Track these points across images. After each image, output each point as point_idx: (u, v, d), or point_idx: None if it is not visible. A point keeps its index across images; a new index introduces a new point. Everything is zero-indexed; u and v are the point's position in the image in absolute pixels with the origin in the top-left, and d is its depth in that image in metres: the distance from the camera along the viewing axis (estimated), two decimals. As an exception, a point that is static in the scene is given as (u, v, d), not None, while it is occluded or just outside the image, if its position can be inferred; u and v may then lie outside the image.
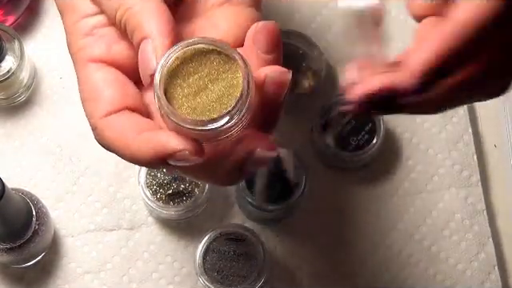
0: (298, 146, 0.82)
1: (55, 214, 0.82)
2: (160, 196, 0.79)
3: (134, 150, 0.51)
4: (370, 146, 0.81)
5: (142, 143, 0.51)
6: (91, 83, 0.54)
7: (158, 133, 0.51)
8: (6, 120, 0.84)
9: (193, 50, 0.51)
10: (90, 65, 0.54)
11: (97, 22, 0.55)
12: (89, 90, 0.54)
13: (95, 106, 0.53)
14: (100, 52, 0.54)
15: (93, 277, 0.81)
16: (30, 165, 0.83)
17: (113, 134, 0.52)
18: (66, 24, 0.56)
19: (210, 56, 0.51)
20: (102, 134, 0.53)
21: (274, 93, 0.51)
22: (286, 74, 0.51)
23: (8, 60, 0.80)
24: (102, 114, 0.53)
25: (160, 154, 0.50)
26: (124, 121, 0.52)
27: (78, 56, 0.55)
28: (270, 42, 0.52)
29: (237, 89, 0.50)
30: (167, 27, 0.52)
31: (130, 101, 0.53)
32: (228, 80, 0.51)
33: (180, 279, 0.81)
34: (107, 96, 0.53)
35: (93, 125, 0.54)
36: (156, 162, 0.51)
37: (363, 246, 0.82)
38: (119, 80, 0.54)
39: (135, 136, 0.51)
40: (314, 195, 0.82)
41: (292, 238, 0.83)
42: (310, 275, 0.82)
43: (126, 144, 0.52)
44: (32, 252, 0.77)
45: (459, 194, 0.84)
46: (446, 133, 0.85)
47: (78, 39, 0.55)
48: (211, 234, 0.78)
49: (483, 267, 0.82)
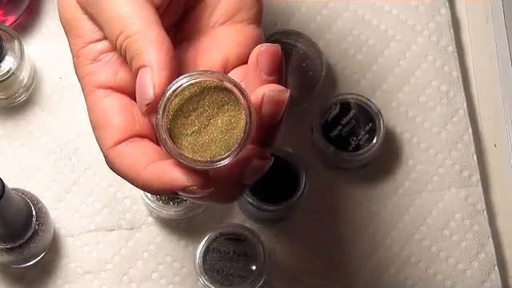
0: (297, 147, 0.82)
1: (55, 214, 0.82)
2: (160, 196, 0.79)
3: (144, 181, 0.53)
4: (370, 145, 0.81)
5: (152, 176, 0.52)
6: (100, 111, 0.55)
7: (166, 167, 0.52)
8: (5, 120, 0.84)
9: (190, 86, 0.51)
10: (97, 92, 0.55)
11: (103, 48, 0.55)
12: (98, 118, 0.55)
13: (105, 135, 0.54)
14: (106, 78, 0.55)
15: (93, 277, 0.81)
16: (29, 165, 0.83)
17: (123, 165, 0.54)
18: (73, 47, 0.57)
19: (208, 90, 0.51)
20: (112, 164, 0.54)
21: (271, 112, 0.51)
22: (283, 92, 0.51)
23: (8, 60, 0.80)
24: (112, 144, 0.54)
25: (169, 188, 0.52)
26: (133, 150, 0.53)
27: (86, 81, 0.56)
28: (272, 64, 0.52)
29: (239, 120, 0.51)
30: (166, 57, 0.52)
31: (138, 127, 0.54)
32: (230, 112, 0.51)
33: (180, 279, 0.81)
34: (116, 124, 0.54)
35: (104, 153, 0.55)
36: (166, 193, 0.53)
37: (363, 245, 0.82)
38: (126, 106, 0.55)
39: (145, 166, 0.52)
40: (314, 195, 0.82)
41: (292, 238, 0.83)
42: (310, 275, 0.82)
43: (137, 174, 0.53)
44: (32, 252, 0.77)
45: (459, 193, 0.84)
46: (446, 133, 0.85)
47: (84, 64, 0.56)
48: (211, 234, 0.78)
49: (483, 267, 0.82)
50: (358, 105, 0.82)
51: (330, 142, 0.81)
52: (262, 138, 0.52)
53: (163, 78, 0.51)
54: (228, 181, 0.53)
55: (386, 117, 0.83)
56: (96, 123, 0.55)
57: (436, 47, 0.86)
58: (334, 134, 0.82)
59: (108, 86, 0.55)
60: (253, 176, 0.53)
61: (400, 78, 0.86)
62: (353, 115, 0.82)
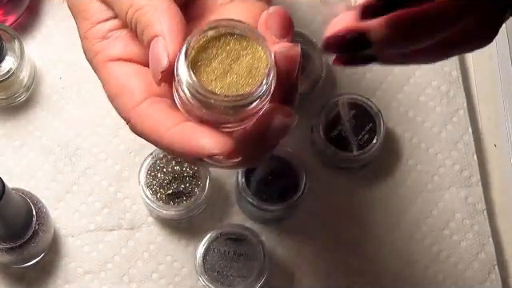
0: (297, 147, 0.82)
1: (55, 214, 0.82)
2: (160, 196, 0.79)
3: (168, 144, 0.52)
4: (370, 145, 0.81)
5: (176, 139, 0.51)
6: (115, 80, 0.55)
7: (192, 131, 0.51)
8: (6, 120, 0.84)
9: (206, 37, 0.51)
10: (109, 64, 0.55)
11: (111, 26, 0.55)
12: (114, 87, 0.55)
13: (124, 100, 0.54)
14: (117, 52, 0.55)
15: (93, 277, 0.81)
16: (30, 165, 0.83)
17: (145, 127, 0.53)
18: (81, 30, 0.56)
19: (224, 39, 0.51)
20: (135, 127, 0.53)
21: (287, 68, 0.51)
22: (294, 47, 0.52)
23: (8, 60, 0.80)
24: (133, 106, 0.53)
25: (194, 154, 0.51)
26: (154, 112, 0.53)
27: (97, 59, 0.56)
28: (282, 25, 0.52)
29: (261, 61, 0.51)
30: (178, 26, 0.52)
31: (156, 88, 0.54)
32: (250, 56, 0.51)
33: (180, 279, 0.81)
34: (134, 87, 0.54)
35: (126, 118, 0.54)
36: (189, 159, 0.52)
37: (363, 245, 0.82)
38: (141, 71, 0.55)
39: (168, 128, 0.52)
40: (314, 195, 0.82)
41: (292, 238, 0.83)
42: (310, 275, 0.82)
43: (160, 137, 0.52)
44: (32, 252, 0.77)
45: (459, 193, 0.84)
46: (446, 132, 0.85)
47: (93, 44, 0.56)
48: (211, 234, 0.78)
49: (483, 267, 0.82)
50: (358, 105, 0.82)
51: (330, 141, 0.81)
52: (282, 96, 0.52)
53: (177, 45, 0.51)
54: (253, 140, 0.52)
55: (386, 117, 0.83)
56: (112, 93, 0.55)
57: (436, 47, 0.86)
58: (334, 133, 0.82)
59: (119, 58, 0.55)
60: (277, 135, 0.52)
61: (400, 77, 0.86)
62: (353, 115, 0.82)
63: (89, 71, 0.86)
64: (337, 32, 0.54)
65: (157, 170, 0.79)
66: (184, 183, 0.79)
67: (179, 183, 0.79)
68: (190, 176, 0.79)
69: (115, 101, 0.55)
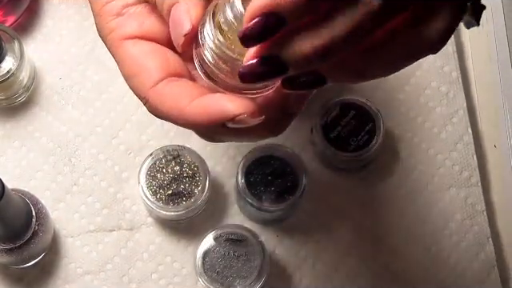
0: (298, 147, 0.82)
1: (55, 215, 0.82)
2: (160, 196, 0.79)
3: (190, 118, 0.51)
4: (370, 146, 0.81)
5: (198, 111, 0.51)
6: (131, 59, 0.54)
7: (214, 98, 0.51)
8: (5, 121, 0.84)
9: None
10: (125, 42, 0.54)
11: (125, 2, 0.55)
12: (130, 66, 0.54)
13: (141, 79, 0.53)
14: (132, 29, 0.54)
15: (93, 277, 0.81)
16: (29, 165, 0.83)
17: (165, 104, 0.52)
18: (95, 8, 0.55)
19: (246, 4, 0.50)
20: (154, 106, 0.53)
21: None
22: None
23: (8, 60, 0.80)
24: (151, 85, 0.53)
25: (219, 119, 0.50)
26: (174, 88, 0.52)
27: (111, 37, 0.55)
28: None
29: None
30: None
31: (173, 67, 0.53)
32: None
33: (180, 280, 0.81)
34: (151, 66, 0.53)
35: (143, 98, 0.53)
36: (212, 127, 0.51)
37: (363, 246, 0.82)
38: (158, 49, 0.54)
39: (188, 102, 0.51)
40: (314, 195, 0.82)
41: (292, 238, 0.83)
42: (309, 276, 0.82)
43: (181, 112, 0.51)
44: (32, 253, 0.77)
45: (459, 194, 0.84)
46: (446, 133, 0.85)
47: (108, 21, 0.55)
48: (211, 235, 0.78)
49: (483, 267, 0.82)
50: (357, 105, 0.82)
51: (330, 142, 0.81)
52: None
53: (200, 9, 0.51)
54: (275, 106, 0.52)
55: (385, 117, 0.83)
56: (129, 73, 0.54)
57: (436, 47, 0.86)
58: (333, 134, 0.82)
59: (135, 36, 0.54)
60: (298, 102, 0.52)
61: (400, 78, 0.86)
62: (353, 116, 0.82)
63: (88, 71, 0.87)
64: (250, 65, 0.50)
65: (156, 171, 0.79)
66: (184, 184, 0.79)
67: (179, 184, 0.79)
68: (190, 176, 0.79)
69: (132, 80, 0.54)
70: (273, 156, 0.80)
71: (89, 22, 0.87)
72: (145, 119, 0.84)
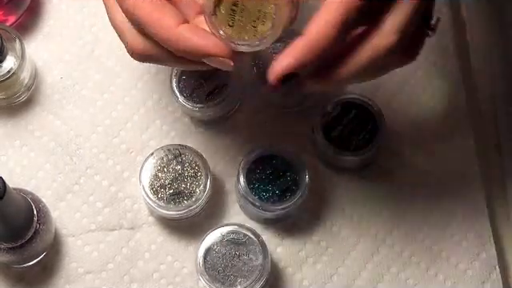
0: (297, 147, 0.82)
1: (56, 214, 0.82)
2: (161, 196, 0.79)
3: (175, 38, 0.58)
4: (371, 145, 0.81)
5: (181, 35, 0.58)
6: None
7: (196, 33, 0.58)
8: (6, 120, 0.84)
9: None
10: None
11: None
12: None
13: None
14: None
15: (94, 277, 0.81)
16: (31, 165, 0.83)
17: (144, 11, 0.59)
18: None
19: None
20: (133, 15, 0.59)
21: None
22: None
23: (9, 60, 0.80)
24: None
25: (195, 53, 0.58)
26: (162, 8, 0.59)
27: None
28: None
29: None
30: None
31: None
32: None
33: (181, 279, 0.81)
34: None
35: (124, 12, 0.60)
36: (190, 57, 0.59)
37: (364, 245, 0.82)
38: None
39: (177, 25, 0.58)
40: (315, 195, 0.82)
41: (293, 239, 0.83)
42: (310, 275, 0.82)
43: (167, 33, 0.58)
44: (33, 252, 0.77)
45: (460, 193, 0.84)
46: (446, 132, 0.85)
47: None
48: (212, 234, 0.78)
49: (484, 267, 0.82)
50: (358, 105, 0.82)
51: (331, 142, 0.81)
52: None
53: None
54: None
55: (386, 117, 0.83)
56: None
57: (437, 47, 0.86)
58: (334, 134, 0.82)
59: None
60: None
61: (401, 78, 0.86)
62: (353, 115, 0.82)
63: (89, 71, 0.87)
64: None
65: (158, 170, 0.79)
66: (185, 183, 0.79)
67: (180, 183, 0.79)
68: (191, 176, 0.79)
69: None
70: (274, 155, 0.80)
71: (89, 22, 0.87)
72: (146, 118, 0.84)
